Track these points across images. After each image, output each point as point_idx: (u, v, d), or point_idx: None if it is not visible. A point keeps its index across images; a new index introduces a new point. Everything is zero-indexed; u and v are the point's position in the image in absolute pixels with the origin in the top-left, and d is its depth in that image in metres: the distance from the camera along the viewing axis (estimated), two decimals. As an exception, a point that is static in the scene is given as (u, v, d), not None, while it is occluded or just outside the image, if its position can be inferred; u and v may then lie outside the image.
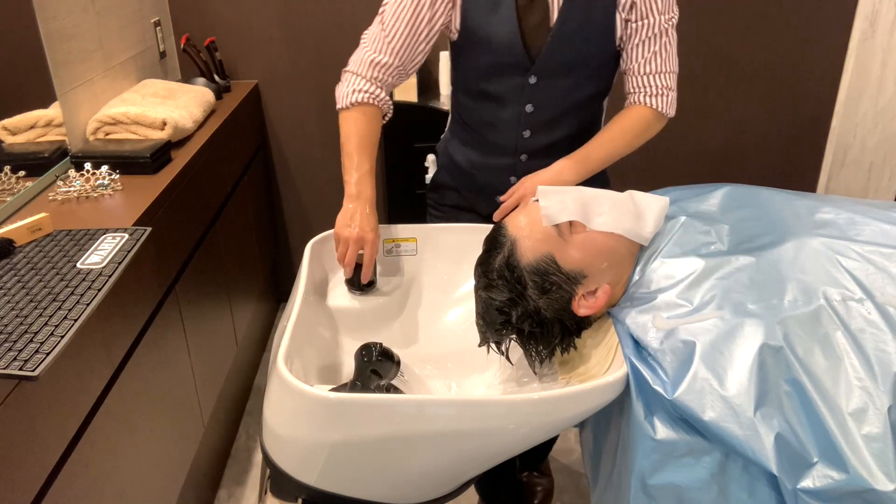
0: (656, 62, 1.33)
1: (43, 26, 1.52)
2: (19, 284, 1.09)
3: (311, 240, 1.29)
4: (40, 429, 0.97)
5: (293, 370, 0.98)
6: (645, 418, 0.88)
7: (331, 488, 1.02)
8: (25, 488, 0.94)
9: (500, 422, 0.93)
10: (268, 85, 2.42)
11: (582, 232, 1.03)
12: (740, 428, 0.82)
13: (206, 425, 1.72)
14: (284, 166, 2.54)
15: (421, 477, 1.04)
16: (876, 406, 0.80)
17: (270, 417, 1.02)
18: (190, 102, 1.87)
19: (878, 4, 2.37)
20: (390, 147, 2.18)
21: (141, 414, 1.32)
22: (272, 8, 2.32)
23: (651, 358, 0.91)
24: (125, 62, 1.96)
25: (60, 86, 1.59)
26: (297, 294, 1.15)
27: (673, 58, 1.34)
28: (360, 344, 1.16)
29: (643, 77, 1.34)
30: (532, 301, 1.04)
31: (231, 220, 1.98)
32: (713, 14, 2.39)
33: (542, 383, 1.13)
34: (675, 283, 0.96)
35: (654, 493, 0.88)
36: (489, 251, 1.07)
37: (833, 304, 0.88)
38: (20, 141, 1.47)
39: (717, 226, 1.03)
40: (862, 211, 1.02)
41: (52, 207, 1.39)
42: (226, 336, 1.91)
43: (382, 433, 0.92)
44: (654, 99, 1.35)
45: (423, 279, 1.34)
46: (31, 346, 0.93)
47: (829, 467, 0.79)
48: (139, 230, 1.27)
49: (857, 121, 2.54)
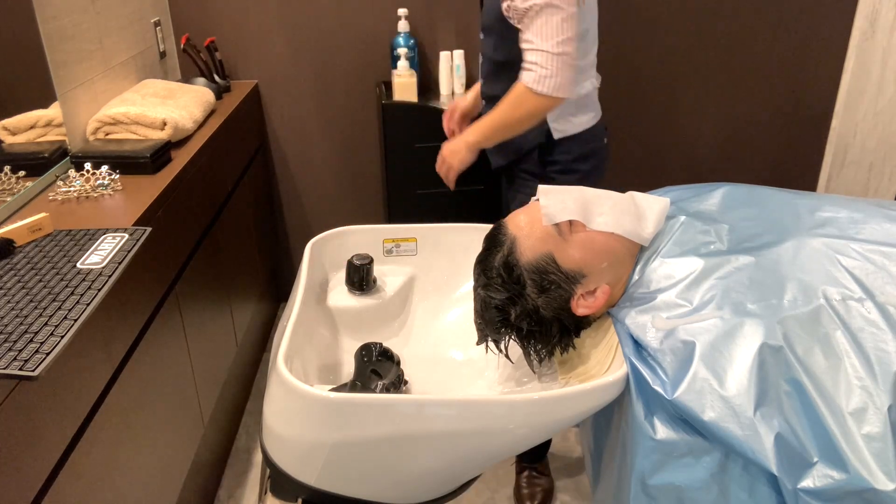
0: (530, 37, 1.42)
1: (43, 26, 1.52)
2: (19, 284, 1.09)
3: (311, 240, 1.29)
4: (40, 429, 0.97)
5: (293, 370, 0.98)
6: (645, 418, 0.88)
7: (331, 488, 1.02)
8: (25, 488, 0.94)
9: (500, 422, 0.93)
10: (268, 85, 2.42)
11: (582, 231, 1.03)
12: (740, 428, 0.82)
13: (206, 425, 1.72)
14: (284, 166, 2.54)
15: (421, 477, 1.04)
16: (876, 406, 0.80)
17: (270, 417, 1.02)
18: (190, 102, 1.87)
19: (878, 4, 2.37)
20: (390, 147, 2.18)
21: (141, 414, 1.32)
22: (272, 8, 2.32)
23: (651, 358, 0.91)
24: (125, 62, 1.96)
25: (60, 86, 1.59)
26: (297, 294, 1.15)
27: (548, 37, 1.40)
28: (360, 344, 1.16)
29: (523, 51, 1.45)
30: (531, 300, 1.04)
31: (231, 220, 1.98)
32: (713, 14, 2.39)
33: (541, 383, 1.13)
34: (675, 283, 0.96)
35: (654, 493, 0.88)
36: (488, 249, 1.07)
37: (833, 303, 0.88)
38: (20, 141, 1.47)
39: (717, 225, 1.03)
40: (862, 210, 1.01)
41: (52, 207, 1.39)
42: (226, 336, 1.91)
43: (382, 433, 0.92)
44: (524, 73, 1.44)
45: (423, 279, 1.34)
46: (31, 346, 0.93)
47: (829, 467, 0.79)
48: (139, 230, 1.27)
49: (857, 121, 2.54)
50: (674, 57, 2.45)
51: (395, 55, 2.25)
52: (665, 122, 2.56)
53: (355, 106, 2.46)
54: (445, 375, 1.22)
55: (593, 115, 1.63)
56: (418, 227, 1.34)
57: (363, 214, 2.63)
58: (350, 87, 2.44)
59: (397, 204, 2.26)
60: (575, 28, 1.40)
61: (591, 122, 1.62)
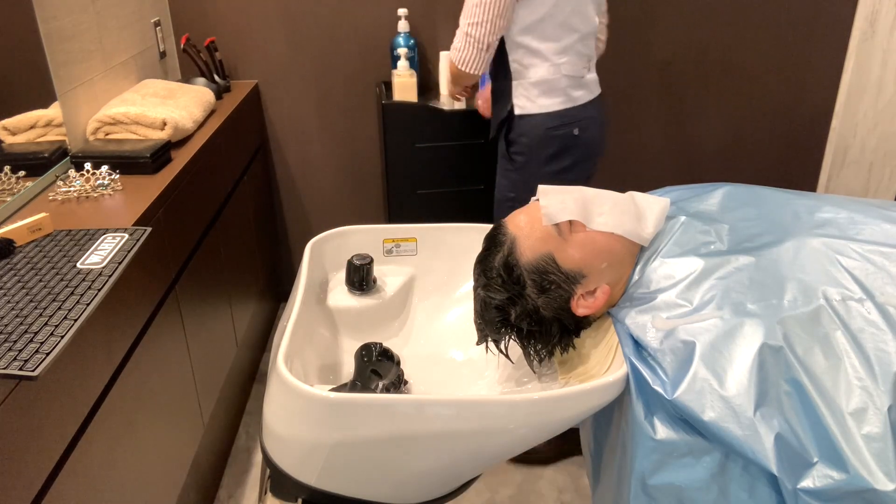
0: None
1: (43, 26, 1.52)
2: (19, 284, 1.09)
3: (311, 240, 1.29)
4: (40, 429, 0.97)
5: (293, 370, 0.98)
6: (645, 418, 0.88)
7: (331, 488, 1.02)
8: (25, 488, 0.94)
9: (499, 422, 0.93)
10: (268, 85, 2.42)
11: (582, 232, 1.03)
12: (740, 428, 0.82)
13: (206, 425, 1.72)
14: (284, 166, 2.54)
15: (421, 477, 1.04)
16: (876, 406, 0.80)
17: (270, 417, 1.02)
18: (190, 102, 1.87)
19: (878, 4, 2.37)
20: (390, 147, 2.18)
21: (141, 414, 1.32)
22: (272, 8, 2.32)
23: (651, 358, 0.91)
24: (125, 62, 1.96)
25: (60, 86, 1.59)
26: (297, 294, 1.15)
27: (464, 17, 1.62)
28: (360, 344, 1.16)
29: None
30: (531, 300, 1.04)
31: (231, 220, 1.98)
32: (713, 14, 2.39)
33: (541, 383, 1.13)
34: (675, 283, 0.96)
35: (654, 493, 0.88)
36: (488, 249, 1.07)
37: (833, 303, 0.88)
38: (20, 141, 1.47)
39: (717, 225, 1.03)
40: (862, 210, 1.01)
41: (52, 207, 1.39)
42: (226, 336, 1.91)
43: (382, 433, 0.92)
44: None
45: (423, 279, 1.34)
46: (31, 346, 0.93)
47: (829, 467, 0.79)
48: (139, 230, 1.27)
49: (857, 121, 2.54)
50: (674, 56, 2.45)
51: (395, 55, 2.25)
52: (665, 121, 2.56)
53: (355, 106, 2.46)
54: (445, 375, 1.22)
55: (561, 101, 1.70)
56: (418, 227, 1.34)
57: (363, 214, 2.63)
58: (350, 87, 2.44)
59: (397, 204, 2.26)
60: (487, 14, 1.58)
61: (555, 106, 1.70)
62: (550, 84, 1.69)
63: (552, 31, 1.66)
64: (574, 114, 1.72)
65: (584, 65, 1.73)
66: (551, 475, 1.89)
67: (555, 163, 1.73)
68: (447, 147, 2.17)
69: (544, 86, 1.69)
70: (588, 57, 1.75)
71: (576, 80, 1.71)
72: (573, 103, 1.72)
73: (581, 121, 1.73)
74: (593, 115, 1.77)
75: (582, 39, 1.70)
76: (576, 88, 1.72)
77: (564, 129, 1.71)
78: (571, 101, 1.72)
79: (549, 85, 1.69)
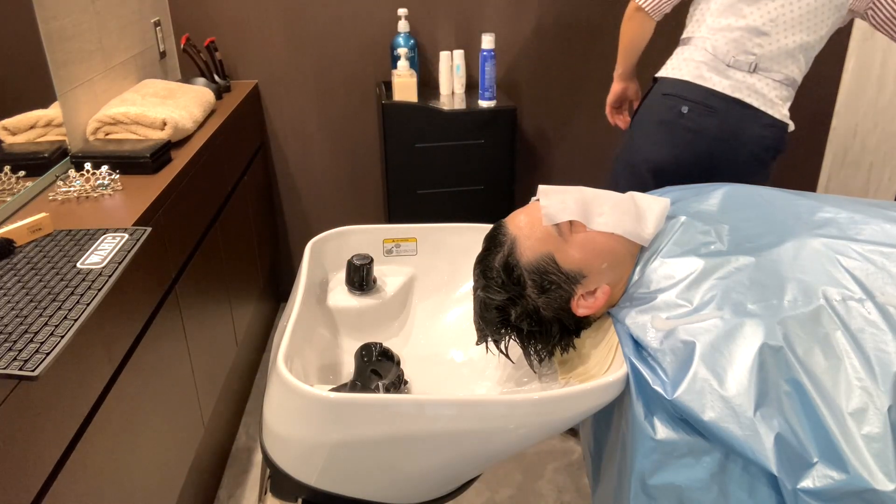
0: None
1: (43, 26, 1.52)
2: (19, 284, 1.09)
3: (311, 240, 1.29)
4: (40, 429, 0.97)
5: (293, 370, 0.98)
6: (645, 418, 0.88)
7: (331, 488, 1.02)
8: (25, 488, 0.94)
9: (499, 422, 0.93)
10: (268, 85, 2.42)
11: (582, 232, 1.03)
12: (740, 428, 0.82)
13: (206, 425, 1.72)
14: (284, 166, 2.54)
15: (421, 477, 1.04)
16: (876, 406, 0.80)
17: (270, 417, 1.02)
18: (190, 102, 1.87)
19: (878, 4, 2.37)
20: (390, 147, 2.18)
21: (141, 414, 1.32)
22: (272, 8, 2.32)
23: (651, 358, 0.91)
24: (125, 62, 1.96)
25: (60, 86, 1.59)
26: (297, 294, 1.15)
27: None
28: (360, 344, 1.16)
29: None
30: (531, 300, 1.04)
31: (231, 220, 1.98)
32: (713, 14, 2.39)
33: (541, 383, 1.13)
34: (675, 283, 0.96)
35: (654, 493, 0.88)
36: (488, 250, 1.07)
37: (833, 303, 0.88)
38: (20, 141, 1.47)
39: (717, 226, 1.03)
40: (862, 210, 1.01)
41: (52, 207, 1.39)
42: (226, 336, 1.91)
43: (382, 433, 0.92)
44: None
45: (423, 279, 1.34)
46: (31, 346, 0.93)
47: (829, 467, 0.79)
48: (139, 230, 1.27)
49: (857, 121, 2.54)
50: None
51: (395, 55, 2.25)
52: (665, 122, 2.55)
53: (355, 106, 2.46)
54: (445, 375, 1.22)
55: (671, 69, 1.81)
56: (418, 227, 1.34)
57: (363, 214, 2.63)
58: (350, 87, 2.44)
59: (397, 204, 2.26)
60: None
61: (668, 73, 1.81)
62: (677, 56, 1.87)
63: (718, 7, 1.78)
64: (677, 87, 1.87)
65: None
66: (551, 475, 1.89)
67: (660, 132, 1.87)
68: (447, 147, 2.17)
69: (678, 48, 1.87)
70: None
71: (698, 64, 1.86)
72: (679, 77, 1.85)
73: (691, 100, 1.85)
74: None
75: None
76: (687, 61, 1.89)
77: (671, 100, 1.86)
78: (680, 73, 1.83)
79: (677, 51, 1.87)
